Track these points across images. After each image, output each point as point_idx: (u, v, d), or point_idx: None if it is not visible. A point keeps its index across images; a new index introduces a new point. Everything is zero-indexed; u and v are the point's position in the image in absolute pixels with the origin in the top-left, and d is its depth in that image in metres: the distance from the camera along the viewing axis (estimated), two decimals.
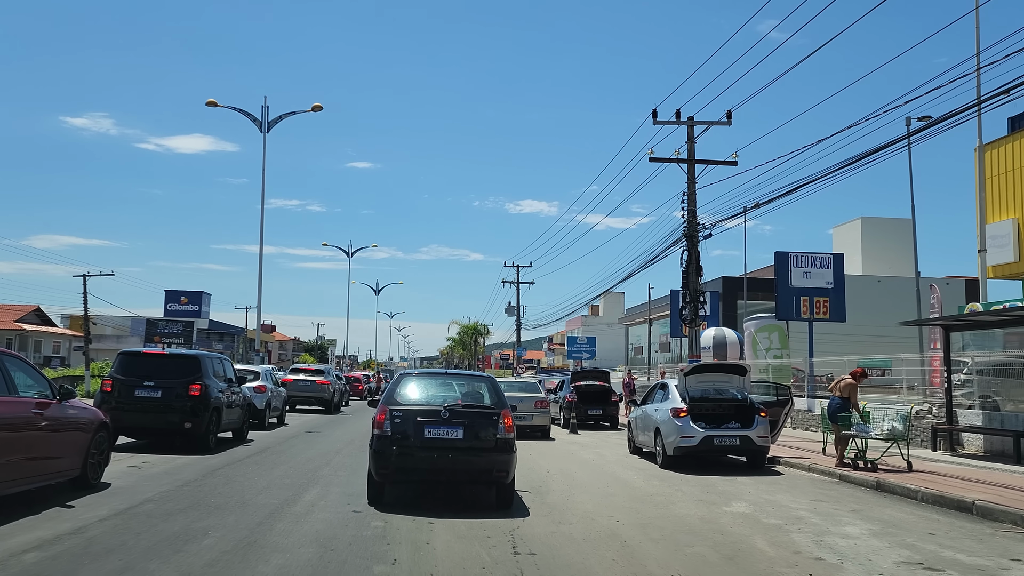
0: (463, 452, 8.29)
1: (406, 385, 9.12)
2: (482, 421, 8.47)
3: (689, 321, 20.52)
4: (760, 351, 27.60)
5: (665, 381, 14.66)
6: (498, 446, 8.39)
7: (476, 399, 8.96)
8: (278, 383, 21.11)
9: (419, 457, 8.26)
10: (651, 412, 14.13)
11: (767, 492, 10.61)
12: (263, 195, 32.23)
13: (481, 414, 8.57)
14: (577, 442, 18.81)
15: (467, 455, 8.31)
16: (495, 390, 9.14)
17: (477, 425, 8.40)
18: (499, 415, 8.58)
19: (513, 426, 8.71)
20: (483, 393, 9.11)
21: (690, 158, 20.72)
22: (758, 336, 27.78)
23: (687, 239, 20.49)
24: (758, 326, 27.89)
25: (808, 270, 23.71)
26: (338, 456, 13.65)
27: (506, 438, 8.46)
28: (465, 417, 8.40)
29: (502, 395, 9.10)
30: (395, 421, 8.35)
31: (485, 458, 8.35)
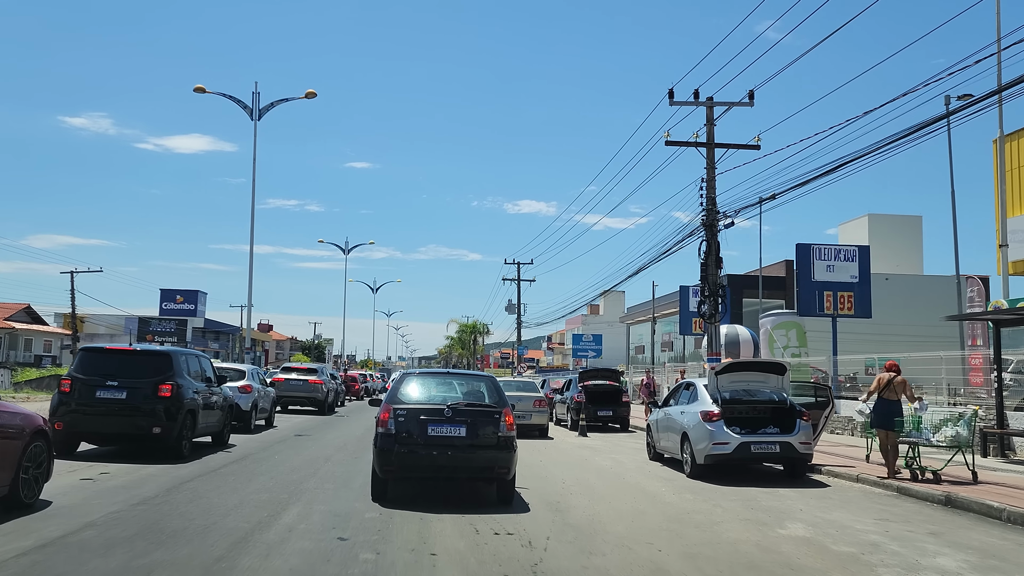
0: (466, 449, 8.44)
1: (409, 384, 9.25)
2: (484, 419, 8.62)
3: (708, 317, 19.07)
4: (777, 349, 26.18)
5: (691, 381, 13.23)
6: (500, 444, 8.55)
7: (478, 398, 9.05)
8: (266, 383, 19.65)
9: (423, 454, 8.40)
10: (676, 415, 12.71)
11: (820, 509, 9.18)
12: (253, 185, 30.80)
13: (483, 412, 8.70)
14: (589, 446, 17.38)
15: (469, 452, 8.46)
16: (496, 389, 9.23)
17: (479, 423, 8.55)
18: (501, 413, 8.72)
19: (514, 424, 8.82)
20: (484, 392, 9.21)
21: (709, 141, 19.27)
22: (775, 333, 26.34)
23: (706, 228, 19.04)
24: (775, 323, 26.46)
25: (831, 263, 22.33)
26: (327, 464, 12.21)
27: (507, 436, 8.61)
28: (467, 415, 8.56)
29: (503, 394, 9.18)
30: (399, 419, 8.51)
31: (487, 455, 8.50)
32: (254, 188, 30.84)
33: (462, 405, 8.68)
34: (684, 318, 33.14)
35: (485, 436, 8.52)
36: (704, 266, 19.04)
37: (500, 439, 8.57)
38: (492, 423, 8.62)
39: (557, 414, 24.87)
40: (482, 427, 8.55)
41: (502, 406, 8.89)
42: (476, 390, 9.28)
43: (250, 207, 30.76)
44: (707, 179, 19.20)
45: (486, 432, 8.54)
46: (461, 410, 8.59)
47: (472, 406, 8.75)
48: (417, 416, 8.53)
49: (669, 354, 56.56)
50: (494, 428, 8.59)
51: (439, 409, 8.56)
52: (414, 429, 8.45)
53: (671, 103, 19.30)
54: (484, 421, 8.60)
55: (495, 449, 8.53)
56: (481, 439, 8.50)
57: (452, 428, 8.48)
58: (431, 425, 8.47)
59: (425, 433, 8.44)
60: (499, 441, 8.56)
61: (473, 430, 8.50)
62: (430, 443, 8.41)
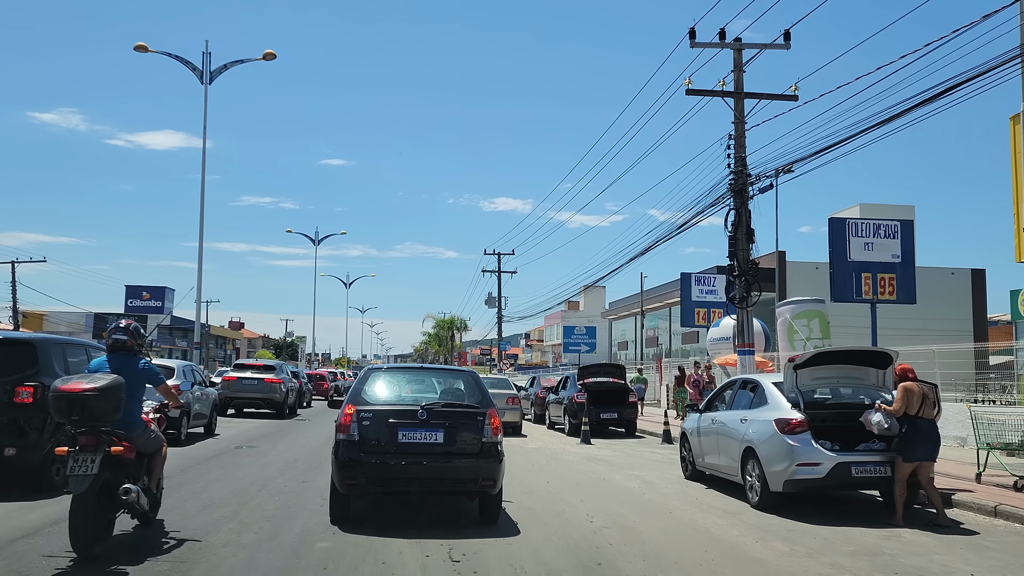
0: (443, 458, 7.31)
1: (376, 381, 7.93)
2: (465, 422, 7.47)
3: (740, 300, 15.94)
4: (797, 341, 23.19)
5: (751, 377, 10.05)
6: (484, 451, 7.38)
7: (457, 397, 7.94)
8: (207, 382, 16.24)
9: (392, 465, 7.20)
10: (732, 424, 9.54)
11: (993, 572, 6.06)
12: (203, 158, 27.29)
13: (464, 414, 7.55)
14: (600, 458, 14.18)
15: (448, 462, 7.32)
16: (478, 386, 8.06)
17: (459, 427, 7.41)
18: (484, 415, 7.52)
19: (501, 428, 7.63)
20: (464, 390, 8.08)
21: (737, 90, 16.16)
22: (795, 323, 23.36)
23: (734, 195, 15.93)
24: (795, 312, 23.48)
25: (870, 240, 19.27)
26: (262, 493, 8.91)
27: (493, 441, 7.45)
28: (445, 418, 7.38)
29: (486, 392, 7.99)
30: (363, 423, 7.26)
31: (469, 465, 7.33)
32: (203, 160, 27.32)
33: (439, 406, 7.44)
34: (686, 309, 30.10)
35: (466, 442, 7.36)
36: (733, 239, 15.92)
37: (484, 446, 7.36)
38: (474, 427, 7.41)
39: (551, 416, 21.67)
40: (462, 431, 7.37)
41: (486, 406, 7.63)
42: (455, 388, 8.19)
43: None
44: (735, 135, 16.08)
45: (467, 437, 7.37)
46: (438, 412, 7.37)
47: (451, 407, 7.55)
48: (385, 419, 7.28)
49: (653, 350, 53.64)
50: (477, 433, 7.38)
51: (411, 411, 7.33)
52: (382, 435, 7.22)
53: (692, 45, 16.16)
54: (465, 424, 7.43)
55: (478, 457, 7.32)
56: (461, 446, 7.34)
57: (427, 433, 7.26)
58: (402, 430, 7.24)
59: (395, 440, 7.21)
60: (483, 448, 7.35)
61: (452, 435, 7.31)
62: (401, 451, 7.21)
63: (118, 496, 5.83)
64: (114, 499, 5.84)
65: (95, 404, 5.65)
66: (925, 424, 8.05)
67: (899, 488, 8.06)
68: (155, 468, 6.68)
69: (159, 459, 6.78)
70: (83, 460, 5.55)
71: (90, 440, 5.61)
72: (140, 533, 6.57)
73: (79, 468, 5.52)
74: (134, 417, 6.28)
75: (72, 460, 5.54)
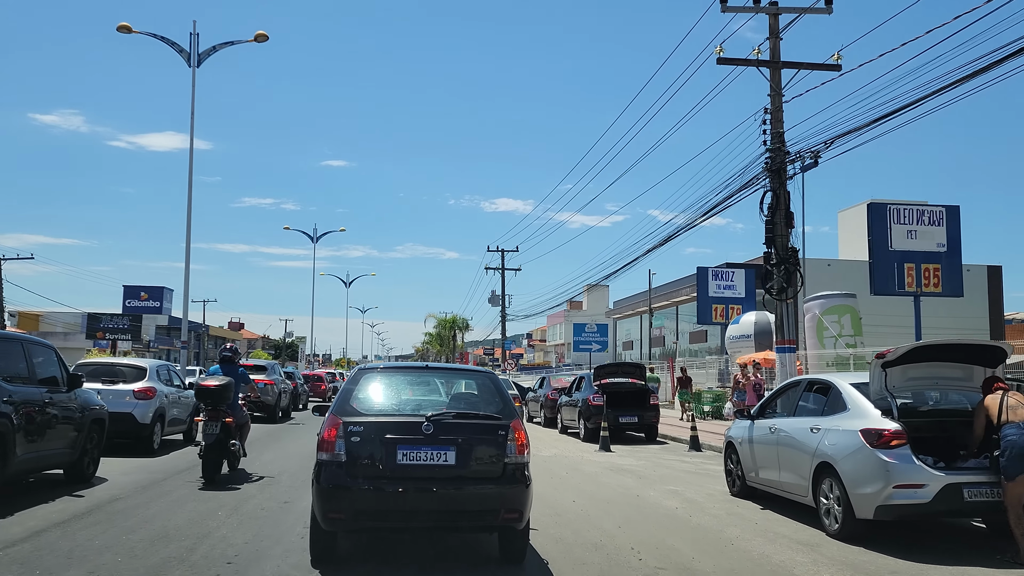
0: (456, 484, 5.63)
1: (369, 384, 6.28)
2: (483, 437, 5.80)
3: (779, 291, 14.31)
4: (827, 339, 21.57)
5: (823, 378, 8.41)
6: (507, 474, 5.72)
7: (472, 404, 6.30)
8: (184, 384, 14.63)
9: (390, 494, 5.51)
10: (799, 433, 7.93)
11: None
12: (191, 147, 25.65)
13: (481, 427, 5.89)
14: (625, 468, 12.57)
15: (461, 488, 5.63)
16: (499, 391, 6.34)
17: (476, 443, 5.74)
18: (507, 428, 5.85)
19: (528, 444, 5.96)
20: (482, 396, 6.41)
21: (773, 59, 14.56)
22: (825, 319, 21.72)
23: (771, 174, 14.32)
24: (824, 307, 21.83)
25: (913, 228, 17.71)
26: (232, 519, 7.32)
27: (518, 462, 5.78)
28: (458, 432, 5.72)
29: (509, 398, 6.31)
30: (353, 440, 5.62)
31: (489, 492, 5.67)
32: (191, 150, 25.71)
33: (449, 417, 5.85)
34: (702, 305, 28.48)
35: (485, 463, 5.77)
36: (770, 224, 14.30)
37: (508, 467, 5.77)
38: (495, 443, 5.82)
39: (563, 419, 20.05)
40: (480, 449, 5.78)
41: (509, 417, 6.01)
42: (469, 393, 6.62)
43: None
44: (772, 108, 14.48)
45: (486, 457, 5.78)
46: (448, 424, 5.78)
47: (464, 418, 5.95)
48: (381, 434, 5.69)
49: (659, 349, 51.96)
50: (498, 450, 5.80)
51: (414, 423, 5.75)
52: (376, 454, 5.65)
53: (723, 9, 14.56)
54: (483, 440, 5.82)
55: (500, 483, 5.73)
56: (479, 468, 5.75)
57: (434, 452, 5.67)
58: (402, 448, 5.65)
59: (393, 460, 5.64)
60: (506, 470, 5.77)
61: (466, 454, 5.72)
62: (401, 475, 5.63)
63: (227, 447, 9.79)
64: (224, 449, 9.73)
65: (218, 393, 9.70)
66: None
67: (1013, 515, 6.44)
68: (244, 434, 10.69)
69: (246, 429, 10.85)
70: (211, 425, 9.57)
71: (215, 414, 9.62)
72: (231, 475, 10.25)
73: (209, 429, 9.54)
74: (235, 402, 10.24)
75: (204, 425, 9.62)
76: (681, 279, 49.98)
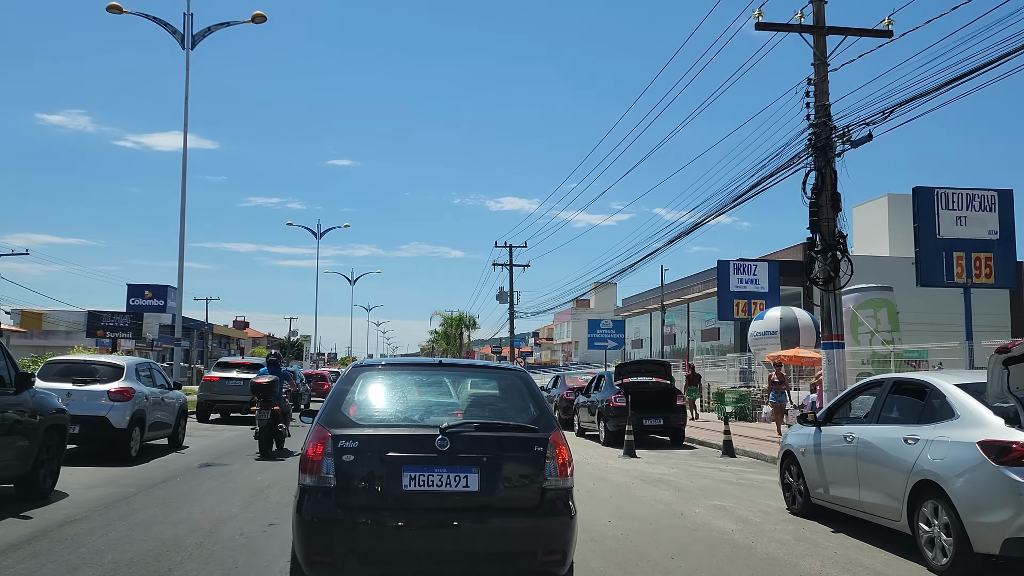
0: (479, 518, 4.33)
1: (368, 386, 4.93)
2: (515, 455, 4.52)
3: (825, 281, 12.92)
4: (863, 334, 20.18)
5: (917, 377, 7.02)
6: (546, 503, 4.46)
7: (498, 412, 4.89)
8: (169, 385, 13.31)
9: (393, 530, 4.23)
10: (889, 443, 6.57)
11: None
12: (185, 135, 24.41)
13: (512, 441, 4.58)
14: (657, 478, 11.22)
15: (487, 523, 4.34)
16: (532, 394, 4.95)
17: (505, 463, 4.47)
18: (546, 443, 4.55)
19: (571, 462, 4.64)
20: (511, 401, 4.95)
21: (818, 24, 13.18)
22: (860, 314, 20.35)
23: (815, 152, 12.94)
24: (859, 301, 20.45)
25: (963, 214, 16.26)
26: (201, 551, 6.01)
27: (561, 487, 4.52)
28: (482, 448, 4.45)
29: (545, 403, 4.96)
30: (344, 459, 4.36)
31: (523, 527, 4.39)
32: (185, 138, 24.47)
33: (471, 428, 4.57)
34: (723, 300, 27.03)
35: (518, 489, 4.49)
36: (814, 207, 12.92)
37: (547, 494, 4.49)
38: (530, 461, 4.53)
39: (581, 421, 18.71)
40: (511, 470, 4.50)
41: (547, 428, 4.70)
42: (494, 397, 5.19)
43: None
44: (816, 79, 13.10)
45: (519, 480, 4.50)
46: (469, 438, 4.49)
47: (491, 429, 4.66)
48: (382, 451, 4.40)
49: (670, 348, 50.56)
50: (535, 471, 4.51)
51: (425, 437, 4.45)
52: (375, 477, 4.37)
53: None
54: (515, 458, 4.54)
55: (538, 514, 4.45)
56: (509, 495, 4.47)
57: (452, 474, 4.38)
58: (410, 469, 4.37)
59: (397, 486, 4.35)
60: (545, 498, 4.48)
61: (493, 477, 4.43)
62: (407, 505, 4.35)
63: (276, 430, 12.63)
64: (273, 431, 12.54)
65: (268, 388, 12.73)
66: None
67: None
68: (287, 420, 13.70)
69: (288, 415, 13.97)
70: (264, 412, 12.46)
71: (266, 404, 12.52)
72: (278, 451, 12.88)
73: (262, 415, 12.44)
74: (280, 395, 13.13)
75: (259, 412, 12.51)
76: (693, 275, 48.56)
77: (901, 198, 49.47)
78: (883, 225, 47.64)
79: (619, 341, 36.50)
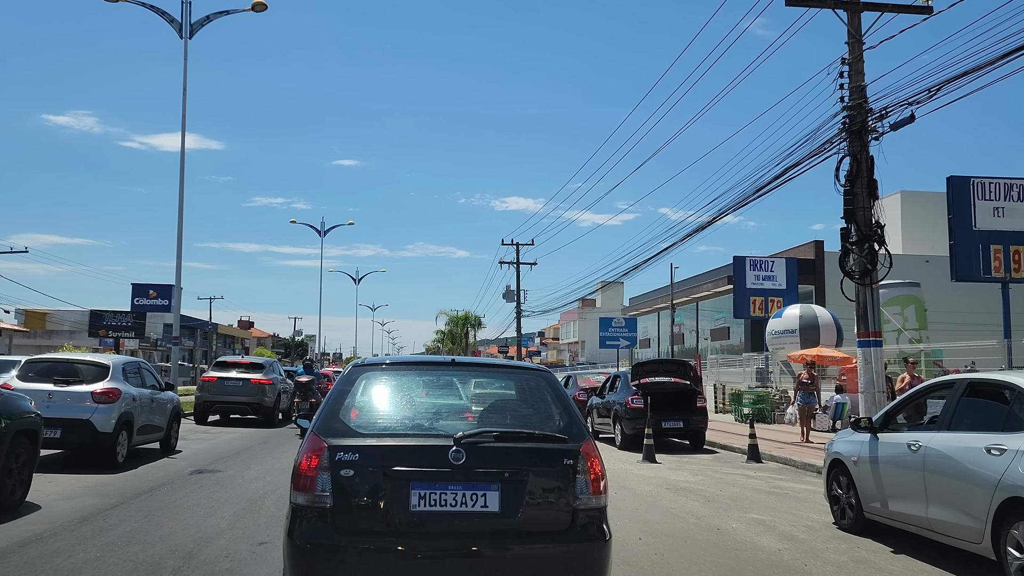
0: (500, 544, 3.72)
1: (371, 389, 4.26)
2: (541, 469, 3.86)
3: (861, 274, 12.07)
4: (889, 332, 19.33)
5: (996, 378, 6.16)
6: (578, 526, 3.82)
7: (521, 419, 4.27)
8: (160, 385, 12.53)
9: (399, 557, 3.64)
10: (965, 454, 5.74)
11: None
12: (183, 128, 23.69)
13: (538, 453, 3.92)
14: (683, 486, 10.39)
15: (509, 549, 3.72)
16: (559, 398, 4.29)
17: (530, 479, 3.82)
18: (577, 455, 3.92)
19: (605, 476, 3.99)
20: (534, 405, 4.31)
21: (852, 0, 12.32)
22: (887, 311, 19.49)
23: (850, 136, 12.09)
24: (886, 298, 19.59)
25: (1001, 204, 15.45)
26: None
27: (595, 506, 3.88)
28: (503, 461, 3.82)
29: (574, 409, 4.26)
30: (343, 473, 3.75)
31: (551, 554, 3.76)
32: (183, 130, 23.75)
33: (490, 437, 3.87)
34: (739, 298, 26.21)
35: (545, 509, 3.80)
36: (849, 195, 12.06)
37: (579, 515, 3.81)
38: (559, 477, 3.85)
39: (595, 424, 17.88)
40: (537, 487, 3.80)
41: (578, 438, 4.01)
42: (515, 401, 4.50)
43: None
44: (851, 59, 12.24)
45: (546, 499, 3.81)
46: (488, 449, 3.82)
47: (512, 439, 3.95)
48: (386, 465, 3.75)
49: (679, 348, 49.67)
50: (564, 488, 3.83)
51: (437, 448, 3.79)
52: (379, 496, 3.70)
53: None
54: (541, 473, 3.84)
55: (568, 540, 3.77)
56: (535, 516, 3.77)
57: (468, 493, 3.72)
58: (419, 486, 3.72)
59: (404, 506, 3.70)
60: (576, 520, 3.80)
61: (516, 496, 3.75)
62: (417, 529, 3.69)
63: None
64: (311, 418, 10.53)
65: (308, 385, 17.13)
66: None
67: None
68: None
69: None
70: (304, 403, 16.74)
71: (305, 397, 16.86)
72: None
73: (303, 405, 16.71)
74: (315, 391, 17.21)
75: (299, 404, 17.02)
76: (702, 274, 47.68)
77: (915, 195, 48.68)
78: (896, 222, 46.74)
79: (631, 340, 35.67)
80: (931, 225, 44.50)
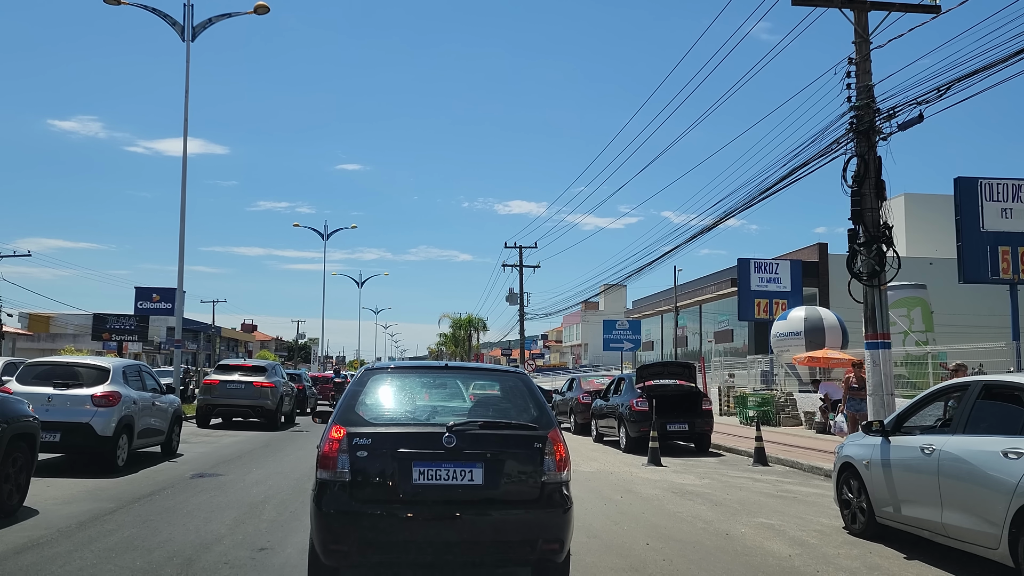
0: (483, 509, 4.72)
1: (379, 388, 5.31)
2: (516, 452, 4.89)
3: (869, 275, 11.93)
4: (896, 335, 19.13)
5: (1015, 380, 6.05)
6: (546, 496, 4.82)
7: (501, 411, 5.29)
8: (160, 388, 12.44)
9: (404, 521, 4.63)
10: (981, 458, 5.62)
11: None
12: (185, 130, 23.63)
13: (514, 439, 4.94)
14: (689, 490, 10.25)
15: (491, 514, 4.73)
16: (533, 395, 5.35)
17: (507, 459, 4.85)
18: (544, 440, 4.92)
19: (568, 459, 5.04)
20: (513, 401, 5.36)
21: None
22: (894, 313, 19.24)
23: (857, 136, 11.97)
24: (892, 299, 19.35)
25: (1008, 205, 15.32)
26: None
27: (559, 480, 4.90)
28: (486, 445, 4.83)
29: (545, 404, 5.33)
30: (359, 455, 4.72)
31: (524, 519, 4.75)
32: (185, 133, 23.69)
33: (475, 426, 4.87)
34: (744, 300, 26.06)
35: (519, 483, 4.79)
36: (857, 196, 11.93)
37: (546, 488, 4.81)
38: (531, 458, 4.84)
39: (599, 427, 17.75)
40: (512, 466, 4.81)
41: (546, 426, 5.01)
42: (497, 397, 5.55)
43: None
44: (858, 58, 12.12)
45: (521, 475, 4.80)
46: (474, 436, 4.80)
47: (493, 427, 4.95)
48: (393, 448, 4.71)
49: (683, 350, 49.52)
50: (534, 467, 4.82)
51: (433, 435, 4.77)
52: (387, 472, 4.68)
53: None
54: (516, 455, 4.84)
55: (537, 507, 4.76)
56: (511, 488, 4.77)
57: (457, 469, 4.71)
58: (419, 464, 4.69)
59: (408, 480, 4.67)
60: (544, 492, 4.80)
61: (496, 472, 4.75)
62: (417, 499, 4.65)
63: None
64: None
65: (341, 386, 23.37)
66: None
67: None
68: None
69: None
70: (330, 401, 26.06)
71: (326, 394, 27.72)
72: None
73: (327, 404, 26.74)
74: None
75: (331, 402, 23.34)
76: (706, 276, 47.56)
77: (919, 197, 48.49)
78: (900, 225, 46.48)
79: (636, 342, 35.46)
80: (935, 227, 44.34)
